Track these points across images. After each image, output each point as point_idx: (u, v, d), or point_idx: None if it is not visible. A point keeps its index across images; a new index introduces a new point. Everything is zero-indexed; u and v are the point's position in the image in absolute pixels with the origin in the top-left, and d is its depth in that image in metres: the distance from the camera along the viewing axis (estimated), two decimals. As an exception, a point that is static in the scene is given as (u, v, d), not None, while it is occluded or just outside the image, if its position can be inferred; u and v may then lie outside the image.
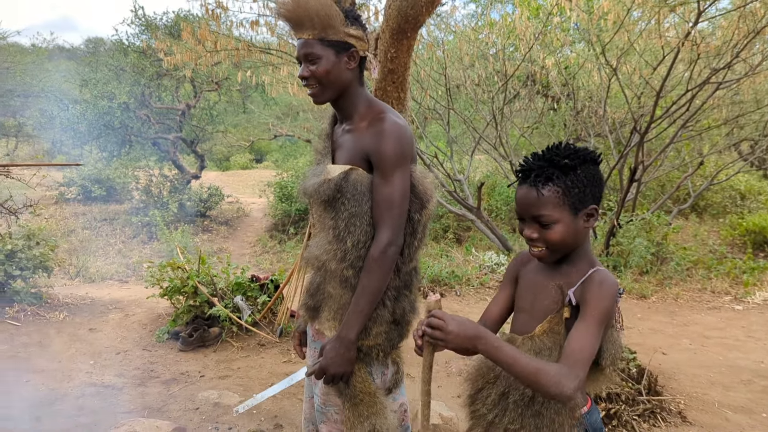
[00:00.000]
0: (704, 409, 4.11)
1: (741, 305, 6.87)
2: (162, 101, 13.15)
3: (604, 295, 1.51)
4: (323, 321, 2.03)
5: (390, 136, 1.86)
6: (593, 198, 1.58)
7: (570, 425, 1.59)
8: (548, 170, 1.53)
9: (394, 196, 1.87)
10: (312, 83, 1.94)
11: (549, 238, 1.56)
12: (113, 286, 7.60)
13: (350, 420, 1.96)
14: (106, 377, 4.26)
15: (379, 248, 1.86)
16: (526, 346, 1.62)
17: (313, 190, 1.94)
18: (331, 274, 1.97)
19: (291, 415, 3.77)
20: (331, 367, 1.89)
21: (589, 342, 1.49)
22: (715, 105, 9.03)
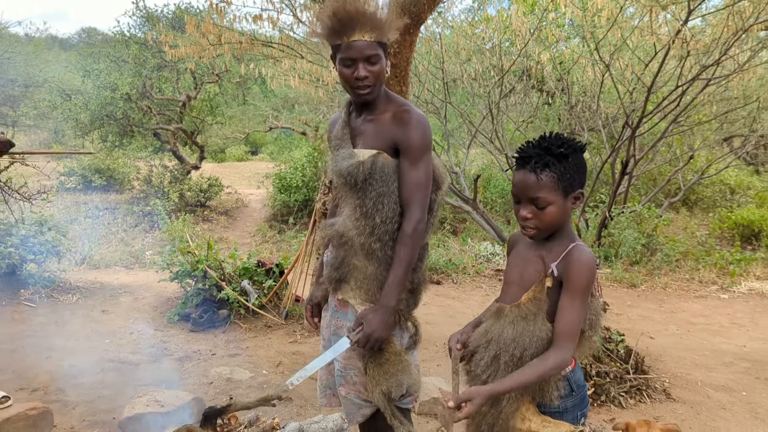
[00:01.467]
0: (687, 388, 4.37)
1: (727, 294, 7.14)
2: (162, 92, 13.31)
3: (584, 269, 1.74)
4: (347, 291, 2.24)
5: (418, 127, 2.11)
6: (580, 183, 1.80)
7: (555, 381, 1.82)
8: (546, 157, 1.74)
9: (422, 179, 2.12)
10: (370, 82, 2.13)
11: (543, 219, 1.77)
12: (120, 271, 7.82)
13: (375, 379, 2.18)
14: (123, 354, 4.49)
15: (411, 225, 2.10)
16: (513, 313, 1.84)
17: (347, 172, 2.16)
18: (358, 248, 2.19)
19: (299, 389, 4.00)
20: (374, 333, 2.09)
21: (576, 315, 1.74)
22: (705, 101, 9.29)
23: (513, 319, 1.82)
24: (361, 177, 2.14)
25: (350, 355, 2.24)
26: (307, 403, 3.81)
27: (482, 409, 1.87)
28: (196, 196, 12.57)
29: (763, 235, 9.68)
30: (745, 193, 12.27)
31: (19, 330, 4.92)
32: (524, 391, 1.81)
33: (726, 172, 12.13)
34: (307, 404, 3.79)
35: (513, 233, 2.05)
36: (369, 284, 2.18)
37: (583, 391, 1.89)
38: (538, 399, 1.81)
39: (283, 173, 12.69)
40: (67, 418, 3.45)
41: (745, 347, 5.37)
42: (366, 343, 2.12)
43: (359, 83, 2.13)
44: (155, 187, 12.24)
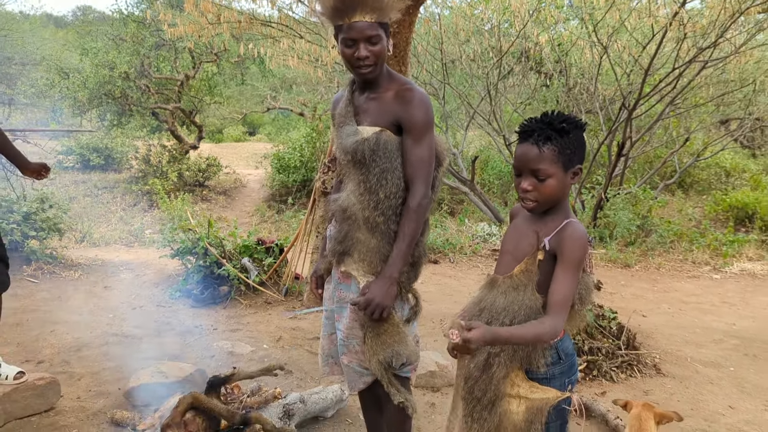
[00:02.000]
0: (677, 363, 4.48)
1: (719, 274, 7.26)
2: (160, 72, 13.29)
3: (576, 245, 1.82)
4: (350, 263, 2.31)
5: (421, 105, 2.18)
6: (579, 159, 1.88)
7: (542, 349, 1.91)
8: (548, 131, 1.82)
9: (425, 156, 2.20)
10: (371, 62, 2.19)
11: (542, 191, 1.84)
12: (120, 249, 7.90)
13: (372, 348, 2.27)
14: (126, 329, 4.58)
15: (416, 200, 2.18)
16: (506, 284, 1.92)
17: (352, 148, 2.23)
18: (362, 222, 2.26)
19: (299, 363, 4.11)
20: (376, 299, 2.18)
21: (569, 288, 1.82)
22: (702, 84, 9.34)
23: (505, 289, 1.90)
24: (366, 153, 2.20)
25: (352, 325, 2.32)
26: (307, 375, 3.91)
27: (474, 374, 1.96)
28: (194, 176, 12.61)
29: (756, 217, 9.79)
30: (740, 176, 12.37)
31: (22, 305, 5.00)
32: (513, 359, 1.89)
33: (722, 155, 12.21)
34: (307, 377, 3.89)
35: (515, 205, 2.13)
36: (372, 257, 2.26)
37: (571, 360, 1.97)
38: (525, 366, 1.89)
39: (281, 153, 12.73)
40: (73, 389, 3.54)
41: (734, 325, 5.49)
42: (366, 307, 2.20)
43: (360, 63, 2.19)
44: (153, 167, 12.26)
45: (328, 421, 3.33)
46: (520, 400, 1.89)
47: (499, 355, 1.90)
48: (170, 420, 2.61)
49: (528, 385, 1.89)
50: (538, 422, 1.86)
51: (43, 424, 3.13)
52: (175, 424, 2.58)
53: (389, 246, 2.24)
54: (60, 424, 3.12)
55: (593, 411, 3.55)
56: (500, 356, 1.90)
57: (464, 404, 2.03)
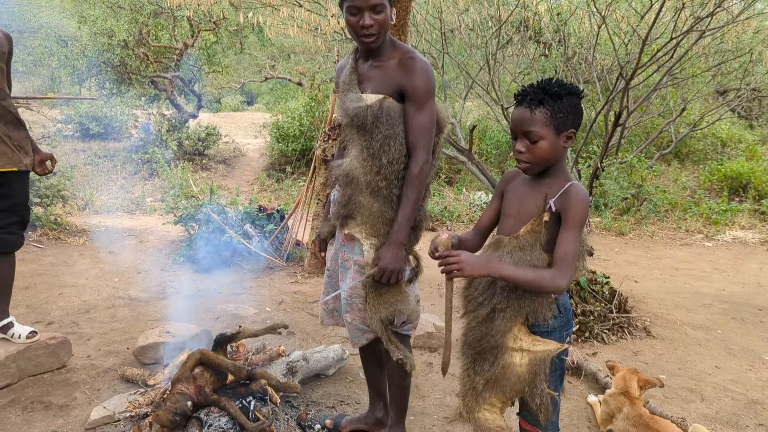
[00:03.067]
0: (667, 326, 4.63)
1: (711, 242, 7.39)
2: (159, 40, 13.23)
3: (580, 205, 1.91)
4: (354, 226, 2.42)
5: (423, 73, 2.26)
6: (573, 124, 1.95)
7: (548, 304, 2.02)
8: (541, 95, 1.91)
9: (427, 123, 2.28)
10: (375, 30, 2.26)
11: (535, 153, 1.93)
12: (123, 216, 8.00)
13: (375, 307, 2.39)
14: (132, 292, 4.71)
15: (418, 166, 2.28)
16: (512, 244, 2.01)
17: (355, 114, 2.32)
18: (364, 186, 2.35)
19: (301, 325, 4.25)
20: (389, 265, 2.29)
21: (574, 246, 1.91)
22: (700, 53, 9.35)
23: (511, 249, 1.98)
24: (369, 120, 2.29)
25: (355, 285, 2.44)
26: (309, 336, 4.04)
27: (476, 328, 2.07)
28: (194, 145, 12.64)
29: (750, 187, 9.90)
30: (736, 146, 12.44)
31: (30, 269, 5.12)
32: (518, 314, 1.98)
33: (718, 125, 12.26)
34: (309, 338, 4.02)
35: (508, 171, 2.22)
36: (374, 220, 2.36)
37: (569, 314, 2.08)
38: (531, 320, 1.99)
39: (280, 123, 12.76)
40: (83, 348, 3.68)
41: (724, 291, 5.63)
42: (382, 276, 2.31)
43: (365, 31, 2.26)
44: (153, 136, 12.30)
45: (330, 379, 3.47)
46: (523, 353, 1.99)
47: (504, 310, 1.99)
48: (180, 375, 2.74)
49: (530, 339, 1.99)
50: (542, 372, 1.97)
51: (56, 380, 3.27)
52: (185, 379, 2.71)
53: (391, 209, 2.34)
54: (72, 381, 3.26)
55: (585, 370, 3.70)
56: (505, 311, 1.98)
57: (464, 357, 2.15)
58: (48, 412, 2.93)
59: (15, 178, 3.06)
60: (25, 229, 3.21)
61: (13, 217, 3.11)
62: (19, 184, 3.10)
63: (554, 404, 2.06)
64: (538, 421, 2.04)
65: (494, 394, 2.07)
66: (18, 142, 3.06)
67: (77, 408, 2.97)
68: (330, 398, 3.23)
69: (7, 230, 3.10)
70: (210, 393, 2.72)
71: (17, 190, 3.09)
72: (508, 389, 2.03)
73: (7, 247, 3.13)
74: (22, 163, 3.06)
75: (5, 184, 3.03)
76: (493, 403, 2.09)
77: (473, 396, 2.11)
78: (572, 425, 3.12)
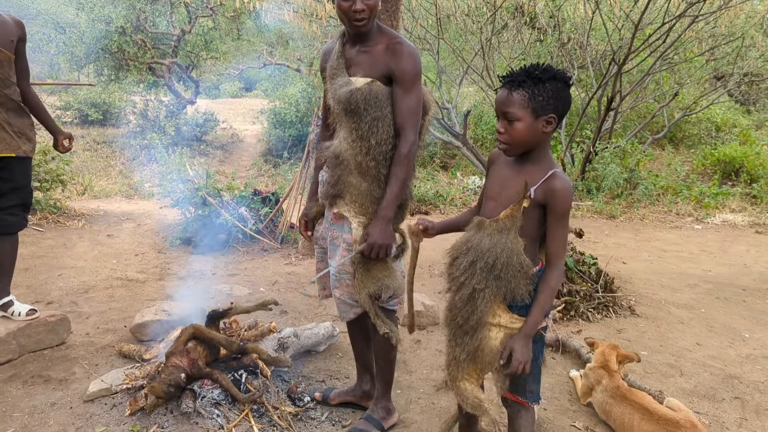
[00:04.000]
0: (651, 305, 4.75)
1: (701, 225, 7.50)
2: (156, 26, 13.27)
3: (565, 195, 2.00)
4: (343, 205, 2.53)
5: (410, 57, 2.37)
6: (555, 110, 2.00)
7: (525, 283, 2.11)
8: (522, 78, 1.98)
9: (414, 106, 2.39)
10: (365, 15, 2.35)
11: (512, 134, 2.00)
12: (121, 201, 8.11)
13: (363, 282, 2.49)
14: (129, 273, 4.83)
15: (407, 146, 2.38)
16: (492, 227, 2.09)
17: (344, 98, 2.41)
18: (353, 167, 2.45)
19: (293, 304, 4.37)
20: (378, 241, 2.39)
21: (564, 235, 2.03)
22: (693, 38, 9.42)
23: (491, 231, 2.07)
24: (358, 103, 2.38)
25: (345, 262, 2.54)
26: (301, 315, 4.16)
27: (458, 305, 2.17)
28: (192, 131, 12.72)
29: (742, 171, 9.99)
30: (730, 130, 12.51)
31: (29, 251, 5.23)
32: (497, 294, 2.07)
33: (713, 110, 12.32)
34: (301, 317, 4.14)
35: (494, 150, 2.31)
36: (362, 199, 2.46)
37: None
38: (509, 300, 2.08)
39: (278, 109, 12.83)
40: (82, 326, 3.80)
41: (710, 271, 5.75)
42: (371, 251, 2.41)
43: (357, 16, 2.35)
44: (151, 122, 12.37)
45: (320, 355, 3.59)
46: (500, 329, 2.09)
47: (483, 290, 2.07)
48: (173, 348, 2.86)
49: (509, 317, 2.08)
50: None
51: (56, 356, 3.39)
52: (179, 352, 2.83)
53: (378, 189, 2.44)
54: (71, 357, 3.38)
55: (568, 346, 3.82)
56: (484, 291, 2.07)
57: (448, 331, 2.25)
58: (48, 386, 3.05)
59: (15, 162, 3.17)
60: (27, 211, 3.34)
61: (15, 200, 3.23)
62: (19, 168, 3.21)
63: (536, 374, 2.17)
64: (522, 390, 2.17)
65: (473, 366, 2.18)
66: (19, 128, 3.16)
67: (76, 382, 3.09)
68: (320, 373, 3.35)
69: (8, 212, 3.21)
70: (203, 366, 2.84)
71: (17, 174, 3.20)
72: (485, 362, 2.14)
73: (9, 228, 3.25)
74: (21, 149, 3.16)
75: (6, 168, 3.14)
76: (471, 374, 2.21)
77: (455, 366, 2.22)
78: (554, 398, 3.24)
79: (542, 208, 2.02)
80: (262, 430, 2.70)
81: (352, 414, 2.92)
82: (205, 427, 2.65)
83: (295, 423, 2.79)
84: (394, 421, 2.83)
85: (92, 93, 13.40)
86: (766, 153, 10.62)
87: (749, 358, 3.88)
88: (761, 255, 6.43)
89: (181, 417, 2.71)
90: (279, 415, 2.81)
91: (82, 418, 2.74)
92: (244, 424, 2.72)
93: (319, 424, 2.83)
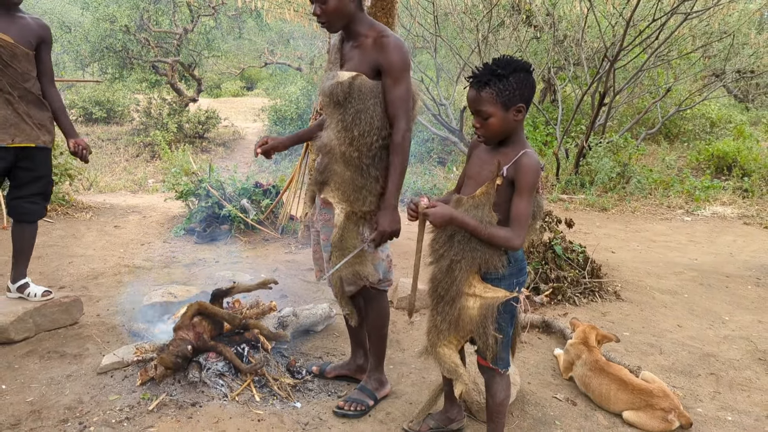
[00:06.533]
0: (636, 291, 4.95)
1: (690, 217, 7.69)
2: (159, 25, 13.49)
3: (530, 172, 2.19)
4: (328, 191, 2.71)
5: (396, 49, 2.52)
6: (521, 98, 2.19)
7: (498, 255, 2.31)
8: (487, 77, 2.17)
9: (404, 95, 2.54)
10: (323, 19, 2.54)
11: (487, 128, 2.21)
12: (127, 195, 8.33)
13: (335, 265, 2.69)
14: (136, 261, 5.04)
15: (400, 135, 2.53)
16: (469, 203, 2.30)
17: (329, 91, 2.59)
18: (339, 156, 2.62)
19: (293, 289, 4.57)
20: (387, 229, 2.57)
21: (526, 208, 2.20)
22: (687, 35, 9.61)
23: (468, 207, 2.27)
24: (340, 96, 2.56)
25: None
26: (300, 299, 4.36)
27: (438, 276, 2.38)
28: (194, 128, 12.93)
29: (735, 166, 10.17)
30: (725, 126, 12.69)
31: (41, 240, 5.43)
32: (472, 264, 2.28)
33: (708, 106, 12.50)
34: (300, 300, 4.34)
35: (473, 139, 2.51)
36: (345, 187, 2.63)
37: (520, 264, 2.36)
38: (483, 269, 2.29)
39: (278, 106, 13.04)
40: (93, 308, 4.01)
41: (696, 260, 5.95)
42: (381, 240, 2.60)
43: (317, 19, 2.56)
44: (155, 119, 12.58)
45: (318, 334, 3.79)
46: (476, 298, 2.30)
47: (460, 261, 2.28)
48: (180, 323, 3.06)
49: (482, 286, 2.29)
50: (491, 316, 2.28)
51: (69, 335, 3.60)
52: (185, 327, 3.04)
53: (361, 178, 2.60)
54: (84, 335, 3.59)
55: (554, 327, 4.02)
56: (461, 262, 2.28)
57: (430, 301, 2.46)
58: (63, 360, 3.26)
59: (36, 153, 3.38)
60: (47, 201, 3.55)
61: (35, 189, 3.44)
62: (40, 158, 3.41)
63: (505, 342, 2.37)
64: (493, 357, 2.37)
65: (452, 333, 2.39)
66: (39, 120, 3.37)
67: (89, 357, 3.31)
68: (318, 350, 3.56)
69: (29, 200, 3.43)
70: (208, 339, 3.05)
71: (39, 164, 3.41)
72: (463, 329, 2.36)
73: (29, 216, 3.46)
74: (40, 140, 3.37)
75: (27, 158, 3.35)
76: (451, 341, 2.42)
77: (435, 333, 2.44)
78: (538, 373, 3.44)
79: (513, 185, 2.21)
80: (263, 398, 2.90)
81: (347, 386, 3.13)
82: (210, 396, 2.86)
83: (293, 393, 3.00)
84: (387, 392, 3.03)
85: (96, 91, 13.62)
86: (759, 148, 10.82)
87: (727, 338, 4.08)
88: (747, 245, 6.63)
89: (188, 386, 2.91)
90: (279, 386, 3.02)
91: (96, 388, 2.95)
92: (246, 393, 2.92)
93: (317, 394, 3.03)
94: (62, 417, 2.69)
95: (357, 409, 2.84)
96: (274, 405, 2.87)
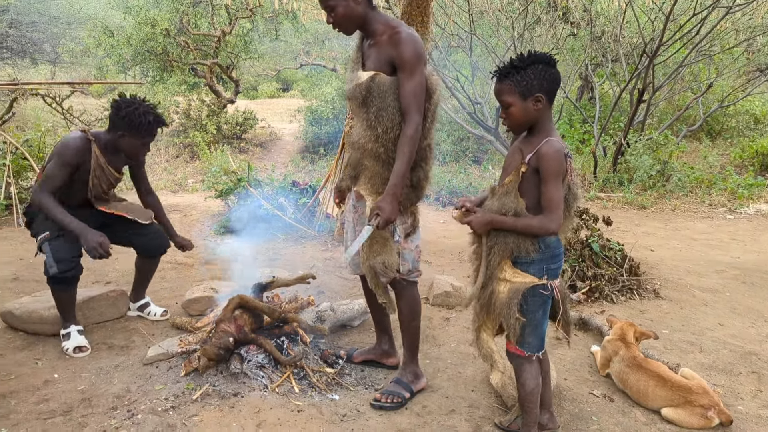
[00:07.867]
0: (676, 289, 4.88)
1: (733, 215, 7.53)
2: (198, 28, 13.74)
3: (551, 159, 2.26)
4: (361, 184, 2.84)
5: (408, 42, 2.58)
6: (540, 88, 2.28)
7: (530, 241, 2.35)
8: (507, 70, 2.29)
9: (417, 89, 2.60)
10: (337, 26, 2.69)
11: (510, 117, 2.34)
12: (167, 194, 8.51)
13: (365, 255, 2.77)
14: (178, 258, 5.17)
15: (410, 127, 2.59)
16: (500, 191, 2.40)
17: (351, 93, 2.72)
18: (368, 152, 2.73)
19: (330, 285, 4.64)
20: (383, 215, 2.62)
21: (554, 193, 2.27)
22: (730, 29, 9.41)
23: (499, 195, 2.38)
24: (362, 96, 2.66)
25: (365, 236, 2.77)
26: (337, 295, 4.43)
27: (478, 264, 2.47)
28: (232, 129, 13.12)
29: (780, 163, 9.93)
30: (770, 122, 12.38)
31: (87, 239, 5.61)
32: (505, 249, 2.36)
33: (751, 101, 12.20)
34: (337, 296, 4.41)
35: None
36: (374, 180, 2.75)
37: (553, 251, 2.39)
38: (515, 254, 2.36)
39: (314, 107, 13.17)
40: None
41: (739, 258, 5.83)
42: (377, 223, 2.65)
43: (333, 27, 2.72)
44: (194, 121, 12.81)
45: (355, 329, 3.86)
46: (506, 283, 2.39)
47: (493, 247, 2.39)
48: (222, 316, 3.16)
49: (512, 271, 2.38)
50: (516, 300, 2.35)
51: (116, 327, 3.73)
52: (227, 319, 3.13)
53: (388, 171, 2.68)
54: (130, 328, 3.72)
55: (590, 325, 4.01)
56: (494, 248, 2.39)
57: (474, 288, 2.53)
58: (111, 351, 3.38)
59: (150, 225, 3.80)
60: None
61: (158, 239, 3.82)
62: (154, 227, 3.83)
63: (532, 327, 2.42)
64: (521, 342, 2.43)
65: (487, 317, 2.48)
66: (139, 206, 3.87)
67: (135, 348, 3.42)
68: (354, 345, 3.61)
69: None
70: (249, 332, 3.14)
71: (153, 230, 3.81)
72: (494, 313, 2.43)
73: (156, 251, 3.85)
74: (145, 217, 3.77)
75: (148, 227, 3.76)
76: (488, 325, 2.49)
77: (477, 318, 2.54)
78: (575, 370, 3.44)
79: (539, 173, 2.29)
80: (302, 390, 2.97)
81: (384, 379, 3.18)
82: (251, 387, 2.94)
83: (332, 385, 3.06)
84: (423, 386, 3.08)
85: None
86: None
87: (769, 337, 4.01)
88: (792, 243, 6.48)
89: (230, 377, 3.00)
90: (317, 378, 3.09)
91: (143, 377, 3.05)
92: (285, 384, 3.00)
93: (354, 387, 3.09)
94: (111, 405, 2.80)
95: (394, 402, 2.89)
96: (312, 396, 2.94)
